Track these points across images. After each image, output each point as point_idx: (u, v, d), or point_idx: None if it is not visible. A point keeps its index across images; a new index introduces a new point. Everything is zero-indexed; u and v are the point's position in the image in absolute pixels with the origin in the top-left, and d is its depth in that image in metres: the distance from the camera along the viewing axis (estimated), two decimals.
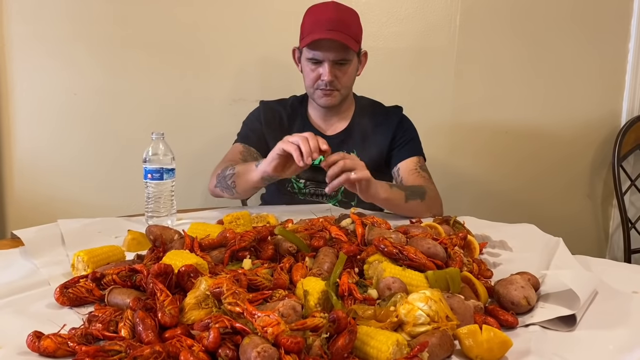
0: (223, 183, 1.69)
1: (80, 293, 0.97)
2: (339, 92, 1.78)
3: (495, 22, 2.45)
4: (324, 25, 1.69)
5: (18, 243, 1.28)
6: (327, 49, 1.70)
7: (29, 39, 2.20)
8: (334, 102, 1.80)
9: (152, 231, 1.22)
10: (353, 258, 1.08)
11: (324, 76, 1.73)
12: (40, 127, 2.27)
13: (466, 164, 2.55)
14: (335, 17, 1.70)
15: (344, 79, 1.77)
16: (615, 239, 2.72)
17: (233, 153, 1.83)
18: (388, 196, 1.56)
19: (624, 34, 2.54)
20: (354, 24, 1.75)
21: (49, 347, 0.78)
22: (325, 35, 1.67)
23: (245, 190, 1.68)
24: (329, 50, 1.70)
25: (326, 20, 1.70)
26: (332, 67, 1.72)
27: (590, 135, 2.61)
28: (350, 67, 1.77)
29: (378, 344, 0.76)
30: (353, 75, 1.80)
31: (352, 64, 1.76)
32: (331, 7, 1.75)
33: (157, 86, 2.31)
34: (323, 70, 1.73)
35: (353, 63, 1.77)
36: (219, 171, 1.73)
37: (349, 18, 1.74)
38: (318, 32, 1.68)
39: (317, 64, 1.74)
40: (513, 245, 1.35)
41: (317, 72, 1.75)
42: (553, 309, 0.95)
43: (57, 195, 2.29)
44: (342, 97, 1.81)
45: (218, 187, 1.72)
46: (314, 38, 1.68)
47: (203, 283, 0.88)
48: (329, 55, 1.71)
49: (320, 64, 1.74)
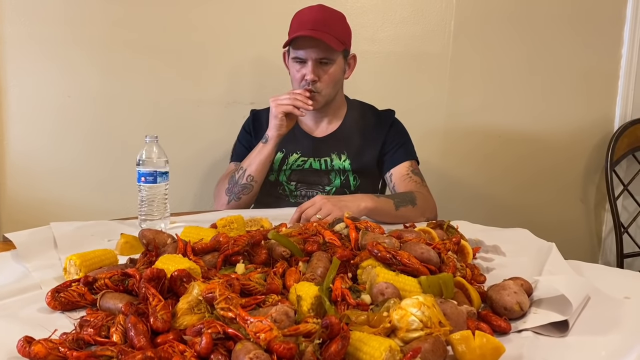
0: (236, 189, 1.78)
1: (72, 297, 0.96)
2: (320, 94, 1.78)
3: (490, 27, 2.46)
4: (307, 25, 1.72)
5: (10, 246, 1.27)
6: (309, 47, 1.73)
7: (23, 41, 2.19)
8: (316, 106, 1.79)
9: (145, 235, 1.21)
10: (346, 263, 1.08)
11: (307, 75, 1.75)
12: (34, 130, 2.26)
13: (460, 168, 2.56)
14: (318, 17, 1.74)
15: (328, 80, 1.77)
16: (607, 243, 2.73)
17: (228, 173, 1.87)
18: (375, 205, 1.55)
19: (617, 40, 2.56)
20: (339, 25, 1.78)
21: (39, 353, 0.77)
22: (307, 33, 1.70)
23: (263, 173, 1.80)
24: (312, 49, 1.72)
25: (309, 20, 1.74)
26: (315, 66, 1.74)
27: (584, 140, 2.62)
28: (334, 68, 1.77)
29: (371, 350, 0.76)
30: (337, 76, 1.81)
31: (335, 64, 1.78)
32: (316, 8, 1.79)
33: (151, 89, 2.30)
34: (306, 69, 1.75)
35: (337, 63, 1.78)
36: (227, 186, 1.79)
37: (333, 18, 1.77)
38: (301, 31, 1.71)
39: (301, 63, 1.77)
40: (506, 250, 1.35)
41: (301, 72, 1.77)
42: (546, 315, 0.95)
43: (50, 198, 2.28)
44: (324, 99, 1.81)
45: (233, 200, 1.79)
46: (296, 35, 1.71)
47: (196, 288, 0.87)
48: (311, 54, 1.73)
49: (304, 64, 1.76)
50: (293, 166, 1.88)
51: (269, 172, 1.86)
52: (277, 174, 1.89)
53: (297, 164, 1.87)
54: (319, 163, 1.87)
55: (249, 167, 1.78)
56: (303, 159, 1.87)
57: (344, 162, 1.86)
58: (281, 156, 1.87)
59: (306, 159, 1.87)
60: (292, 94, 1.71)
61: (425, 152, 1.98)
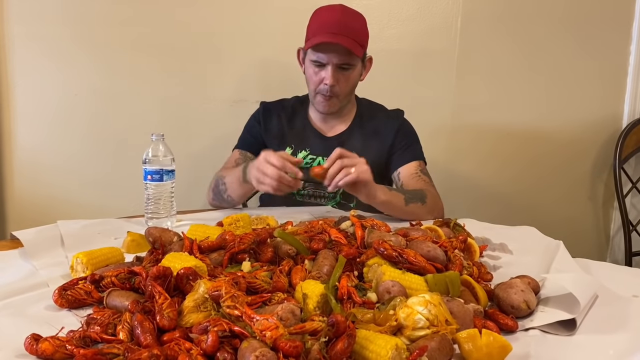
0: (219, 197, 1.75)
1: (78, 295, 0.96)
2: (337, 98, 1.77)
3: (496, 24, 2.44)
4: (329, 28, 1.67)
5: (17, 244, 1.28)
6: (331, 52, 1.68)
7: (28, 40, 2.20)
8: (332, 109, 1.79)
9: (151, 233, 1.22)
10: (352, 261, 1.08)
11: (326, 80, 1.72)
12: (40, 128, 2.27)
13: (466, 166, 2.55)
14: (341, 21, 1.69)
15: (346, 84, 1.76)
16: (616, 241, 2.71)
17: (230, 161, 1.87)
18: (387, 198, 1.56)
19: (625, 37, 2.54)
20: (360, 29, 1.74)
21: (47, 350, 0.78)
22: (330, 39, 1.65)
23: (242, 198, 1.76)
24: (333, 54, 1.69)
25: (332, 23, 1.68)
26: (335, 71, 1.71)
27: (592, 137, 2.61)
28: (354, 73, 1.76)
29: (377, 348, 0.76)
30: (355, 80, 1.80)
31: (355, 69, 1.75)
32: (338, 10, 1.73)
33: (157, 87, 2.31)
34: (326, 73, 1.72)
35: (357, 68, 1.76)
36: (217, 186, 1.77)
37: (356, 22, 1.73)
38: (323, 35, 1.67)
39: (320, 66, 1.73)
40: (513, 248, 1.34)
41: (319, 75, 1.74)
42: (553, 313, 0.94)
43: (56, 195, 2.29)
44: (341, 104, 1.80)
45: (216, 201, 1.78)
46: (319, 41, 1.66)
47: (202, 286, 0.88)
48: (332, 59, 1.70)
49: (323, 67, 1.72)
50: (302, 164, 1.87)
51: None
52: None
53: (306, 162, 1.87)
54: None
55: (230, 187, 1.70)
56: (312, 157, 1.87)
57: None
58: (290, 152, 1.87)
59: (315, 157, 1.87)
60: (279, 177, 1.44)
61: (431, 149, 1.97)
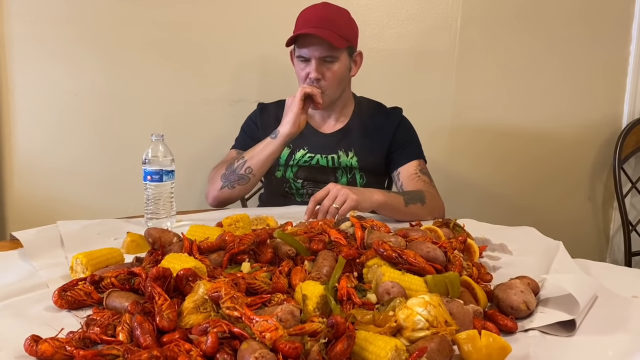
0: (233, 177, 1.75)
1: (78, 296, 0.96)
2: (324, 92, 1.78)
3: (496, 24, 2.44)
4: (310, 23, 1.73)
5: (17, 245, 1.28)
6: (312, 45, 1.73)
7: (29, 40, 2.20)
8: (320, 106, 1.78)
9: (151, 234, 1.22)
10: (352, 262, 1.08)
11: (311, 73, 1.75)
12: (40, 128, 2.27)
13: (466, 166, 2.55)
14: (321, 15, 1.75)
15: (332, 77, 1.77)
16: (615, 241, 2.71)
17: (226, 160, 1.87)
18: (386, 200, 1.56)
19: (625, 37, 2.54)
20: (342, 22, 1.77)
21: (46, 351, 0.78)
22: (308, 31, 1.70)
23: (264, 169, 1.77)
24: (315, 47, 1.72)
25: (312, 18, 1.75)
26: (318, 64, 1.74)
27: (591, 137, 2.61)
28: (338, 65, 1.77)
29: (376, 350, 0.76)
30: (342, 74, 1.80)
31: (339, 62, 1.77)
32: (319, 6, 1.80)
33: (157, 87, 2.31)
34: (310, 67, 1.75)
35: (341, 61, 1.77)
36: (223, 171, 1.76)
37: (336, 16, 1.77)
38: (303, 29, 1.72)
39: (305, 61, 1.77)
40: (513, 248, 1.34)
41: (305, 71, 1.77)
42: (552, 314, 0.94)
43: (56, 196, 2.29)
44: (329, 98, 1.81)
45: (227, 188, 1.76)
46: (297, 33, 1.72)
47: (201, 287, 0.88)
48: (314, 52, 1.73)
49: (308, 62, 1.76)
50: (300, 162, 1.87)
51: (275, 168, 1.86)
52: (283, 170, 1.89)
53: (304, 160, 1.87)
54: (326, 160, 1.86)
55: (250, 159, 1.75)
56: (310, 155, 1.87)
57: (351, 159, 1.86)
58: (288, 152, 1.87)
59: (313, 155, 1.87)
60: (302, 90, 1.73)
61: (431, 149, 1.97)
